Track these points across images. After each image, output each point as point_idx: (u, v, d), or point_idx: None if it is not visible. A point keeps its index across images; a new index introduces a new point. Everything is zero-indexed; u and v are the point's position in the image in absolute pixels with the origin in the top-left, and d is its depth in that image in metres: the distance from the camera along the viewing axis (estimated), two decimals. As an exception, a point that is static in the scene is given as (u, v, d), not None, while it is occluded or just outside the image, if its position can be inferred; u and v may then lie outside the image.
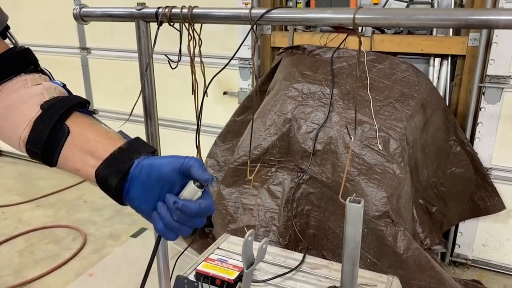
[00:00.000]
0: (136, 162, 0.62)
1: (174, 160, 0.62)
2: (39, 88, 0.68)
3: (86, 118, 0.69)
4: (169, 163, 0.61)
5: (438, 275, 1.69)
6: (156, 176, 0.61)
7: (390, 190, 1.73)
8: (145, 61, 0.72)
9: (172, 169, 0.61)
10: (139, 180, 0.61)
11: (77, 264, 2.33)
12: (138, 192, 0.62)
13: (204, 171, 0.60)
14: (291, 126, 1.97)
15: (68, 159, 0.66)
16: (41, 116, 0.65)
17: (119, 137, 0.67)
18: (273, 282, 1.38)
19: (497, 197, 2.09)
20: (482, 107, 2.03)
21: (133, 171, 0.62)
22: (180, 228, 0.61)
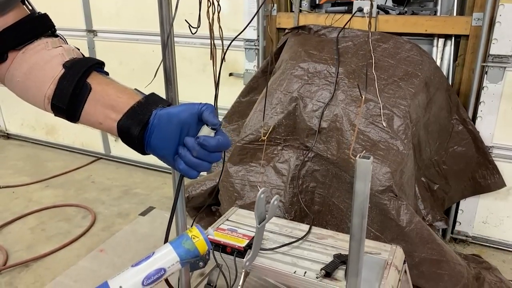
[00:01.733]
0: (155, 113, 0.68)
1: (190, 106, 0.68)
2: (59, 50, 0.74)
3: (104, 77, 0.75)
4: (186, 109, 0.68)
5: (439, 247, 1.74)
6: (175, 122, 0.67)
7: (393, 166, 1.77)
8: (166, 29, 0.77)
9: (190, 115, 0.68)
10: (159, 128, 0.67)
11: (88, 240, 2.40)
12: (159, 139, 0.68)
13: (214, 116, 0.67)
14: (297, 104, 2.01)
15: (90, 114, 0.72)
16: (65, 74, 0.71)
17: (136, 93, 0.74)
18: (281, 251, 1.45)
19: (498, 174, 2.14)
20: (485, 86, 2.07)
21: (153, 120, 0.68)
22: (201, 164, 0.68)
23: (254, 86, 2.45)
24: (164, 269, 0.56)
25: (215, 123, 0.67)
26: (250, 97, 2.47)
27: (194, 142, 0.66)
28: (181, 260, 0.57)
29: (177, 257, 0.57)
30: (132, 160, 3.36)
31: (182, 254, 0.56)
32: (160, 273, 0.56)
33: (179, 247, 0.56)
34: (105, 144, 3.44)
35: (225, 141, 0.69)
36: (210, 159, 0.69)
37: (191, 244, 0.56)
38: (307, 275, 1.30)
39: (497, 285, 1.85)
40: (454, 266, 1.77)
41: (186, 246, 0.56)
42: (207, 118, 0.67)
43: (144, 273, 0.55)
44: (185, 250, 0.56)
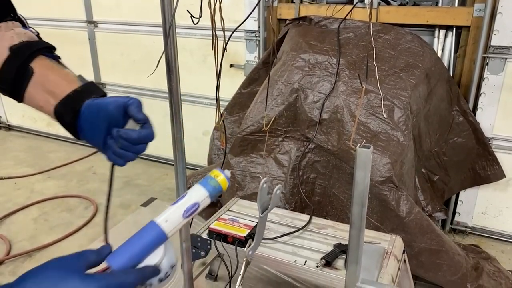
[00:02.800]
0: (86, 103, 0.72)
1: (117, 100, 0.72)
2: (10, 33, 0.76)
3: (50, 62, 0.77)
4: (113, 102, 0.72)
5: (438, 238, 1.76)
6: (103, 114, 0.71)
7: (394, 157, 1.78)
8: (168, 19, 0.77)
9: (116, 107, 0.71)
10: (88, 118, 0.72)
11: (90, 231, 2.42)
12: (89, 128, 0.73)
13: (139, 111, 0.71)
14: (298, 96, 2.01)
15: (33, 97, 0.75)
16: (9, 57, 0.73)
17: (77, 80, 0.77)
18: (282, 240, 1.46)
19: (498, 166, 2.15)
20: (485, 77, 2.07)
21: (83, 110, 0.72)
22: (125, 154, 0.73)
23: (255, 78, 2.45)
24: (198, 204, 0.65)
25: (138, 118, 0.71)
26: (251, 89, 2.48)
27: (117, 134, 0.71)
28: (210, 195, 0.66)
29: (206, 192, 0.65)
30: (134, 151, 3.37)
31: (210, 190, 0.65)
32: (195, 207, 0.65)
33: (206, 185, 0.65)
34: (106, 135, 3.45)
35: (146, 135, 0.72)
36: (134, 150, 0.73)
37: (216, 182, 0.66)
38: (307, 264, 1.32)
39: (495, 275, 1.87)
40: (453, 256, 1.78)
41: (212, 184, 0.66)
42: (131, 113, 0.71)
43: (183, 208, 0.64)
44: (212, 187, 0.65)
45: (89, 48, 3.20)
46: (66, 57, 3.15)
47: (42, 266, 0.52)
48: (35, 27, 0.85)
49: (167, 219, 0.63)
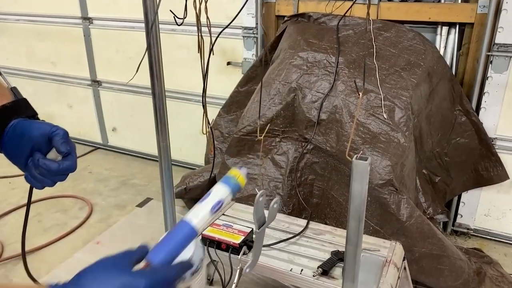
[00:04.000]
0: (12, 123, 0.72)
1: (43, 128, 0.73)
2: None
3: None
4: (39, 128, 0.72)
5: (440, 242, 1.71)
6: (26, 137, 0.72)
7: (394, 159, 1.73)
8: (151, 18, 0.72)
9: (40, 134, 0.72)
10: (11, 139, 0.72)
11: (85, 232, 2.37)
12: (10, 147, 0.73)
13: (63, 143, 0.71)
14: (296, 95, 1.96)
15: None
16: None
17: (10, 94, 0.76)
18: (278, 247, 1.41)
19: (501, 167, 2.09)
20: (489, 76, 2.01)
21: (8, 129, 0.72)
22: (43, 180, 0.73)
23: (252, 76, 2.40)
24: (222, 201, 0.69)
25: (61, 150, 0.71)
26: (248, 87, 2.42)
27: (37, 162, 0.71)
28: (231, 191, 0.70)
29: (228, 189, 0.69)
30: (131, 150, 3.32)
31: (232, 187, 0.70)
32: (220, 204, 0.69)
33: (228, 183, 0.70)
34: (103, 134, 3.40)
35: (68, 168, 0.73)
36: (52, 179, 0.74)
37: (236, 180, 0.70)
38: (303, 273, 1.27)
39: (498, 280, 1.82)
40: (455, 261, 1.73)
41: (233, 182, 0.70)
42: (55, 144, 0.71)
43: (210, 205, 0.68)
44: (233, 184, 0.70)
45: (84, 45, 3.14)
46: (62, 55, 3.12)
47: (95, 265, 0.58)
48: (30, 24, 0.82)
49: (196, 216, 0.67)
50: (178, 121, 2.96)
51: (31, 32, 3.31)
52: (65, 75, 3.36)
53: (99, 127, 3.38)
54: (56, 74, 3.39)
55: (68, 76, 3.35)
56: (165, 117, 0.87)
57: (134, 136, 3.24)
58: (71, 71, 3.31)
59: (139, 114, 3.15)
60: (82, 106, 3.40)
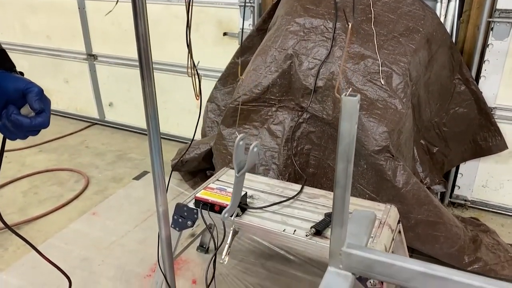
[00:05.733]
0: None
1: (19, 83, 0.72)
2: None
3: None
4: (14, 82, 0.72)
5: (436, 209, 1.70)
6: (1, 91, 0.72)
7: (391, 125, 1.70)
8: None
9: (15, 89, 0.72)
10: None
11: (81, 204, 2.37)
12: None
13: (37, 100, 0.71)
14: (292, 62, 1.92)
15: None
16: None
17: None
18: (271, 209, 1.40)
19: (500, 137, 2.07)
20: (490, 43, 1.97)
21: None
22: (16, 134, 0.74)
23: (249, 46, 2.36)
24: None
25: (34, 107, 0.71)
26: (245, 58, 2.38)
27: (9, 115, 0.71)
28: None
29: None
30: (128, 125, 3.30)
31: None
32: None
33: None
34: (99, 109, 3.37)
35: (39, 123, 0.72)
36: (24, 134, 0.74)
37: None
38: (296, 233, 1.25)
39: (494, 248, 1.81)
40: (451, 228, 1.72)
41: None
42: (28, 100, 0.71)
43: None
44: None
45: (79, 18, 3.08)
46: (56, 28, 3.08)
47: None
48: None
49: None
50: (175, 95, 2.93)
51: (24, 5, 3.26)
52: (61, 49, 3.31)
53: (95, 102, 3.35)
54: (51, 48, 3.34)
55: (64, 50, 3.30)
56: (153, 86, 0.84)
57: (131, 111, 3.21)
58: (66, 45, 3.26)
59: (136, 88, 3.11)
60: (78, 81, 3.36)
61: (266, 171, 1.98)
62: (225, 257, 1.27)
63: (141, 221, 2.18)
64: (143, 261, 1.89)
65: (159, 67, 2.81)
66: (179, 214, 1.43)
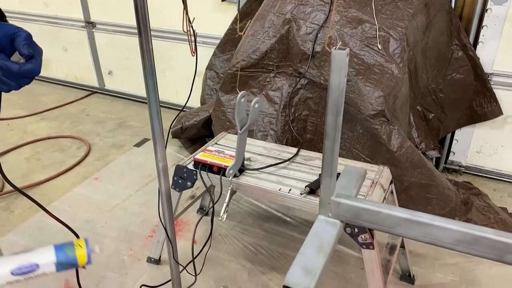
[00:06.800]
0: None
1: (7, 28, 0.70)
2: None
3: None
4: (2, 29, 0.70)
5: (429, 172, 1.74)
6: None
7: (387, 90, 1.73)
8: None
9: (3, 35, 0.70)
10: None
11: (83, 169, 2.42)
12: None
13: (25, 45, 0.69)
14: (291, 27, 1.92)
15: None
16: None
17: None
18: (268, 171, 1.44)
19: (496, 103, 2.09)
20: (489, 8, 1.96)
21: None
22: (8, 82, 0.71)
23: (247, 12, 2.35)
24: (36, 265, 0.59)
25: (22, 52, 0.69)
26: (243, 24, 2.37)
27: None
28: (57, 262, 0.58)
29: (54, 256, 0.59)
30: (127, 93, 3.31)
31: (60, 257, 0.59)
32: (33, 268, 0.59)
33: (60, 249, 0.58)
34: (99, 77, 3.38)
35: (30, 70, 0.70)
36: (16, 82, 0.72)
37: (72, 251, 0.59)
38: (291, 192, 1.30)
39: (485, 210, 1.87)
40: (443, 190, 1.77)
41: (67, 251, 0.59)
42: (16, 45, 0.69)
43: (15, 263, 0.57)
44: (64, 254, 0.58)
45: (76, -16, 3.05)
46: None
47: None
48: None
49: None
50: (174, 63, 2.93)
51: (21, -29, 3.22)
52: (58, 17, 3.28)
53: (95, 70, 3.35)
54: (49, 16, 3.32)
55: (62, 18, 3.28)
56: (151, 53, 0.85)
57: (130, 79, 3.22)
58: (64, 12, 3.24)
59: (135, 57, 3.11)
60: (77, 49, 3.35)
61: (264, 136, 2.01)
62: (223, 215, 1.32)
63: (142, 185, 2.23)
64: (144, 223, 1.95)
65: (158, 34, 2.80)
66: (179, 176, 1.48)
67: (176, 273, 1.16)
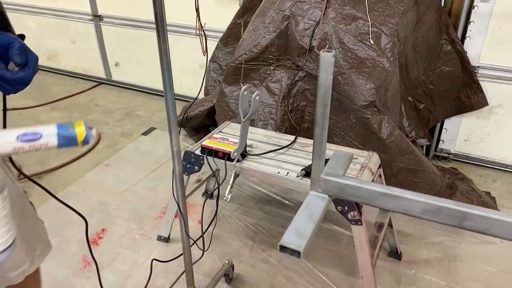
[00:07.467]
0: None
1: (3, 38, 0.74)
2: None
3: None
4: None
5: (416, 158, 1.89)
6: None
7: (378, 82, 1.86)
8: None
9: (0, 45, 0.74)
10: None
11: (94, 156, 2.57)
12: None
13: (18, 54, 0.73)
14: (289, 23, 2.05)
15: None
16: None
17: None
18: (268, 156, 1.59)
19: (481, 94, 2.23)
20: (475, 5, 2.09)
21: None
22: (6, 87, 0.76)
23: (249, 7, 2.47)
24: (39, 134, 0.65)
25: (15, 61, 0.74)
26: (245, 18, 2.50)
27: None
28: (58, 134, 0.66)
29: (56, 129, 0.66)
30: (134, 84, 3.45)
31: (61, 131, 0.66)
32: (36, 136, 0.65)
33: (61, 125, 0.66)
34: (106, 69, 3.51)
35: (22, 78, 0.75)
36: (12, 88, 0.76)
37: (72, 127, 0.67)
38: (289, 175, 1.45)
39: (468, 193, 2.02)
40: (429, 175, 1.92)
41: (67, 127, 0.67)
42: (10, 55, 0.74)
43: (22, 131, 0.65)
44: (65, 129, 0.66)
45: (84, -21, 3.17)
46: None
47: None
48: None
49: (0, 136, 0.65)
50: (177, 55, 3.06)
51: (30, -34, 3.33)
52: (66, 10, 3.41)
53: (102, 62, 3.48)
54: (57, 9, 3.44)
55: (70, 11, 3.40)
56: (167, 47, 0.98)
57: (136, 70, 3.35)
58: (72, 5, 3.36)
59: (141, 49, 3.24)
60: (84, 42, 3.48)
61: (265, 125, 2.16)
62: (228, 195, 1.47)
63: (150, 171, 2.39)
64: (153, 205, 2.11)
65: (163, 28, 2.92)
66: (187, 160, 1.63)
67: (187, 246, 1.32)
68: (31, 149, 0.67)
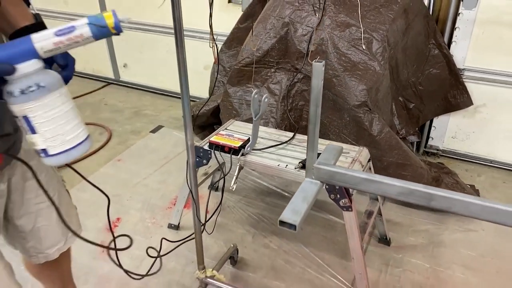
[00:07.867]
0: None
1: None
2: None
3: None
4: None
5: (405, 153, 2.07)
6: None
7: (369, 84, 2.04)
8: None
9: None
10: None
11: (106, 153, 2.75)
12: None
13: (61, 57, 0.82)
14: (289, 29, 2.23)
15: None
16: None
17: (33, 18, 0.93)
18: (268, 151, 1.77)
19: (467, 94, 2.41)
20: (460, 12, 2.26)
21: None
22: None
23: (251, 13, 2.65)
24: (74, 27, 0.69)
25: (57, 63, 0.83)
26: (247, 24, 2.67)
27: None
28: (89, 22, 0.69)
29: (86, 19, 0.70)
30: (141, 85, 3.63)
31: (91, 18, 0.71)
32: (71, 29, 0.69)
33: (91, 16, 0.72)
34: (115, 70, 3.69)
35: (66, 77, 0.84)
36: None
37: (101, 15, 0.72)
38: (288, 167, 1.63)
39: (453, 186, 2.20)
40: (417, 169, 2.10)
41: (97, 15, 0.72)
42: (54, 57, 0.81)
43: (58, 28, 0.70)
44: (95, 17, 0.71)
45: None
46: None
47: None
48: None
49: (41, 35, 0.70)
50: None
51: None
52: (77, 14, 3.59)
53: (111, 63, 3.66)
54: (68, 13, 3.62)
55: (80, 15, 3.57)
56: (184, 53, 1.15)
57: (144, 71, 3.53)
58: (83, 9, 3.54)
59: (148, 51, 3.42)
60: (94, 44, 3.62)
61: (266, 123, 2.33)
62: (234, 185, 1.65)
63: (160, 166, 2.57)
64: (164, 197, 2.29)
65: (168, 31, 3.10)
66: (196, 155, 1.80)
67: (198, 228, 1.50)
68: (70, 42, 0.71)
